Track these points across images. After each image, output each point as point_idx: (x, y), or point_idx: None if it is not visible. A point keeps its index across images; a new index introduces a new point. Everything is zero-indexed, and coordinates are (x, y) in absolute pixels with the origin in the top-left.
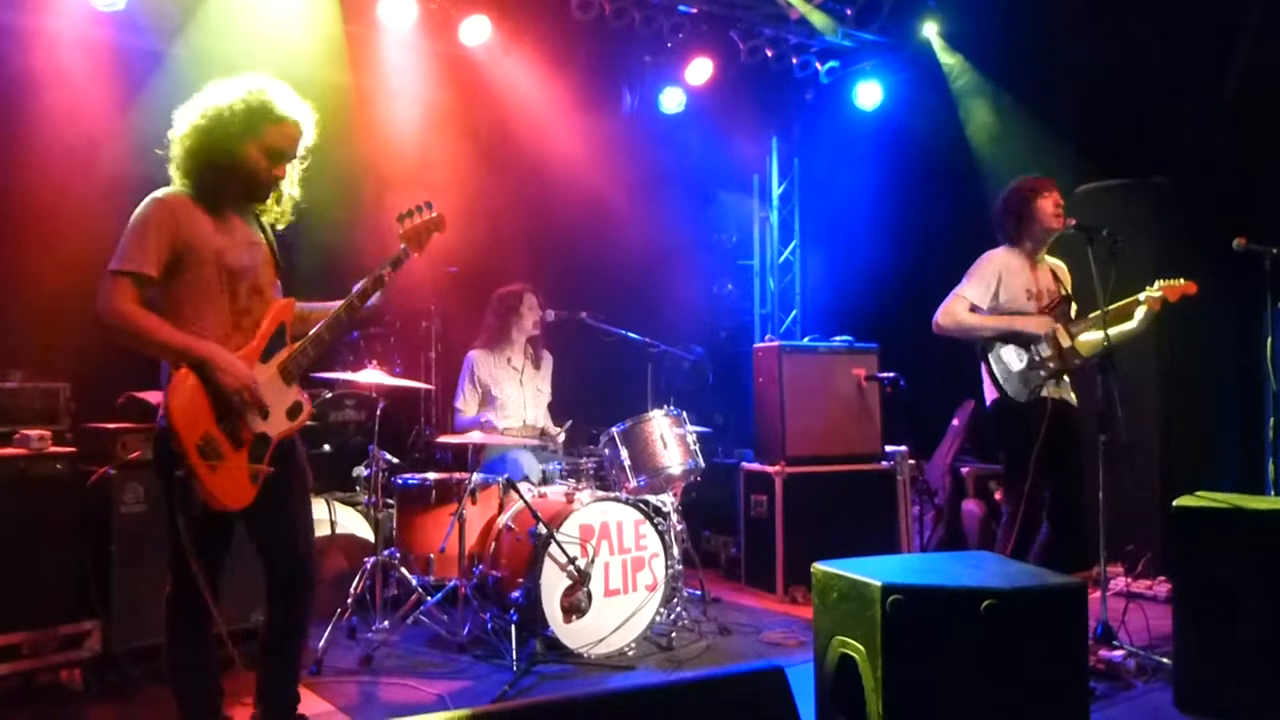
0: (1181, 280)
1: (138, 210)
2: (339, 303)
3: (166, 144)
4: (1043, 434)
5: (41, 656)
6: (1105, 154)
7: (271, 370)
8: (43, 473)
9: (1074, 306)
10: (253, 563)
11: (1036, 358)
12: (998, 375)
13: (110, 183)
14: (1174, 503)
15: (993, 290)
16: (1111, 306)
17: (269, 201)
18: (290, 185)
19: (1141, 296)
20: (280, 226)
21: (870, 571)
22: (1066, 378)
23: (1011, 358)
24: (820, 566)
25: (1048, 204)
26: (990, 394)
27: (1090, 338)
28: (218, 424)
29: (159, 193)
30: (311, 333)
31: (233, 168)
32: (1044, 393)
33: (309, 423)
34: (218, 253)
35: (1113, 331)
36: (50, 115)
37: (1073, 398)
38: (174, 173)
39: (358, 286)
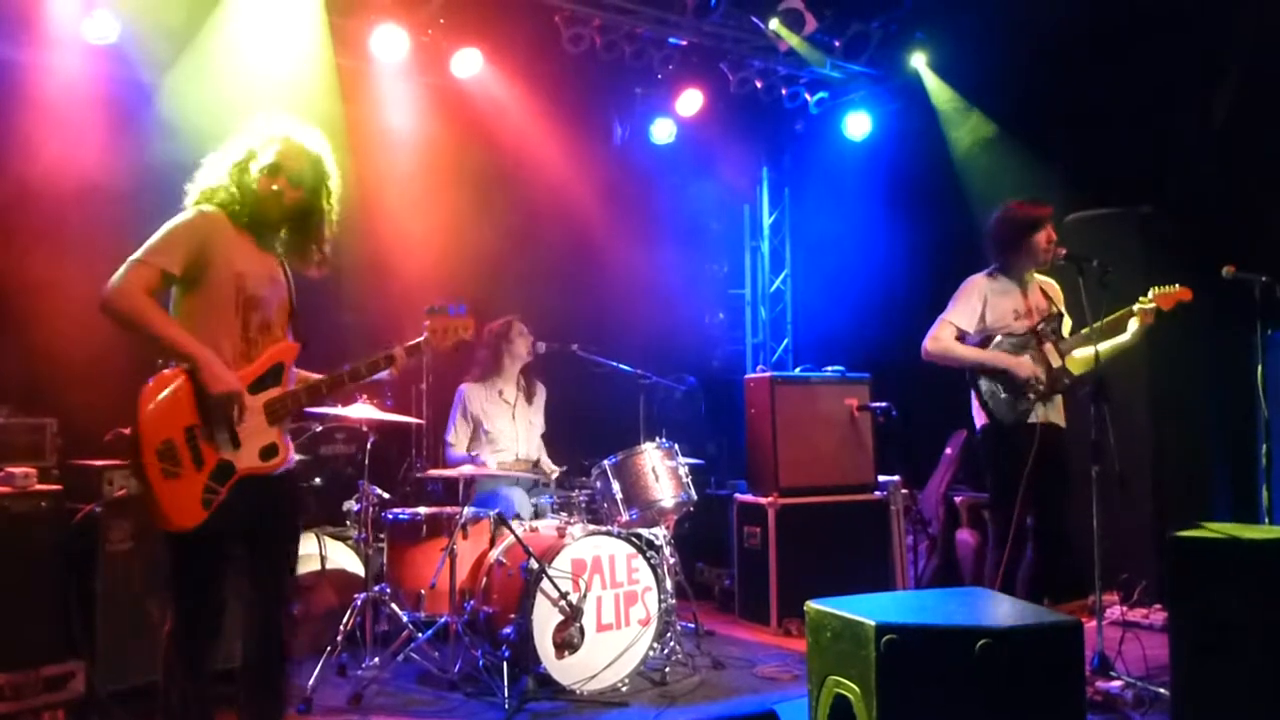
0: (1176, 286)
1: (176, 216)
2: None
3: (159, 177)
4: (1031, 460)
5: (23, 699)
6: (1093, 183)
7: (258, 403)
8: (27, 510)
9: (1066, 323)
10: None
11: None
12: (986, 399)
13: (100, 216)
14: (1171, 534)
15: (979, 314)
16: (1105, 320)
17: (309, 244)
18: (329, 224)
19: (1135, 308)
20: (322, 271)
21: (864, 610)
22: (1057, 398)
23: (1000, 381)
24: (814, 605)
25: (1043, 239)
26: (979, 418)
27: (1082, 353)
28: (185, 435)
29: (203, 206)
30: (311, 382)
31: (241, 195)
32: (1032, 417)
33: (298, 455)
34: (238, 276)
35: (1106, 345)
36: (40, 149)
37: (1061, 419)
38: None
39: (369, 360)
